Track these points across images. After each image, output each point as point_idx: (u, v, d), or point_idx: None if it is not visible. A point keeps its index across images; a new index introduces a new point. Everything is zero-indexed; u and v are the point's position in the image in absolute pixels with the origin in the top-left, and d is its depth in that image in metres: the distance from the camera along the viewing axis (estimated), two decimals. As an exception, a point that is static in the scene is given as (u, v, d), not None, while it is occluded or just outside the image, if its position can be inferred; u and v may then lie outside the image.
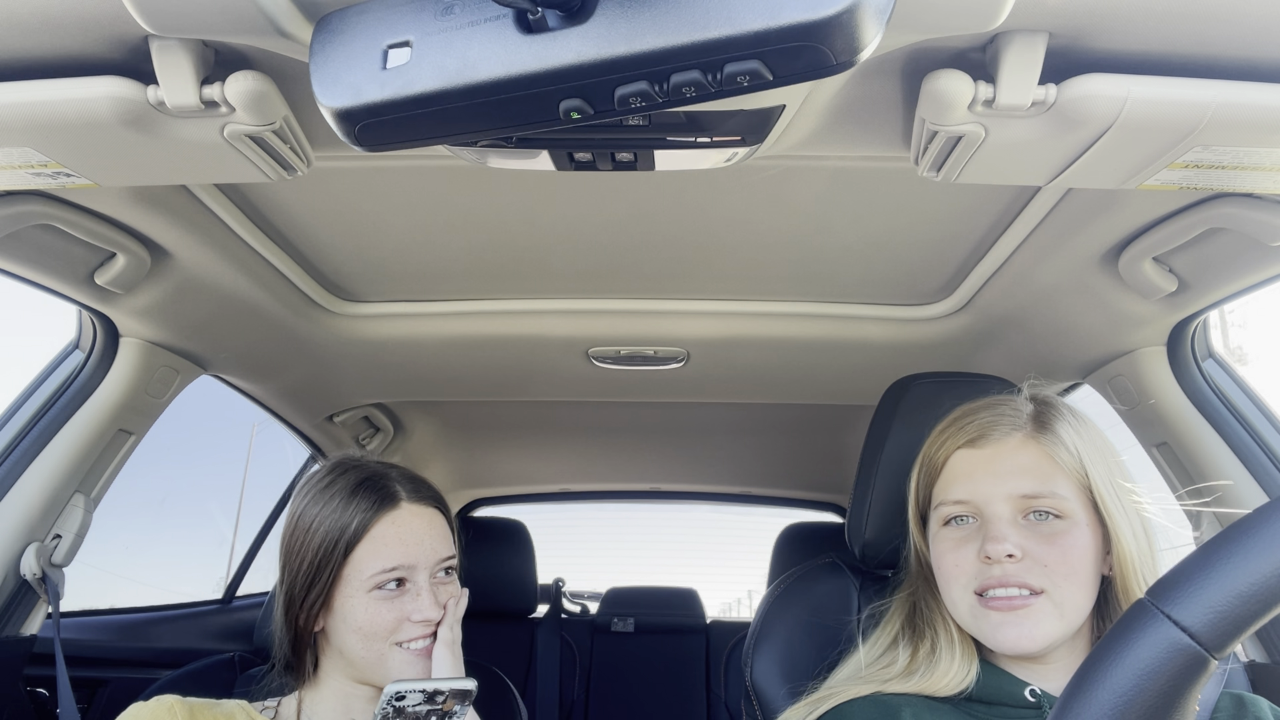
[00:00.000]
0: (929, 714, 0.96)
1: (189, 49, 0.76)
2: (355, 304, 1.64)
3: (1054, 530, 0.93)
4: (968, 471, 0.99)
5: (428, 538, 1.12)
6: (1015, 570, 0.92)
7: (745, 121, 0.84)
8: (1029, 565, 0.91)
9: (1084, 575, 0.92)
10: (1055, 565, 0.91)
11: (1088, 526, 0.93)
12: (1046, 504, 0.94)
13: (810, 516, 3.22)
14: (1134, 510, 0.95)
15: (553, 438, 2.73)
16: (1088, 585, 0.93)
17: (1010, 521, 0.94)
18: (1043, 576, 0.91)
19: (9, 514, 1.37)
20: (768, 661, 1.22)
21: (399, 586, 1.08)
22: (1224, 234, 1.15)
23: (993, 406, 1.02)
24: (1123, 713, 0.49)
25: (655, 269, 1.49)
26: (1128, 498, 0.95)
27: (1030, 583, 0.91)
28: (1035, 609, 0.91)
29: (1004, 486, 0.95)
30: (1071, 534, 0.92)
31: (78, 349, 1.50)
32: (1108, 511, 0.93)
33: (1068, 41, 0.76)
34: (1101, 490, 0.94)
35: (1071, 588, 0.91)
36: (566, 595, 2.94)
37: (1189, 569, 0.51)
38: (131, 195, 1.13)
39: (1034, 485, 0.94)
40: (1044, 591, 0.91)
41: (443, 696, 0.99)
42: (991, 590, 0.93)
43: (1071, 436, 0.97)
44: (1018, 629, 0.91)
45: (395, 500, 1.12)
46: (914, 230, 1.34)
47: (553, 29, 0.58)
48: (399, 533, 1.10)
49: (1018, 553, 0.91)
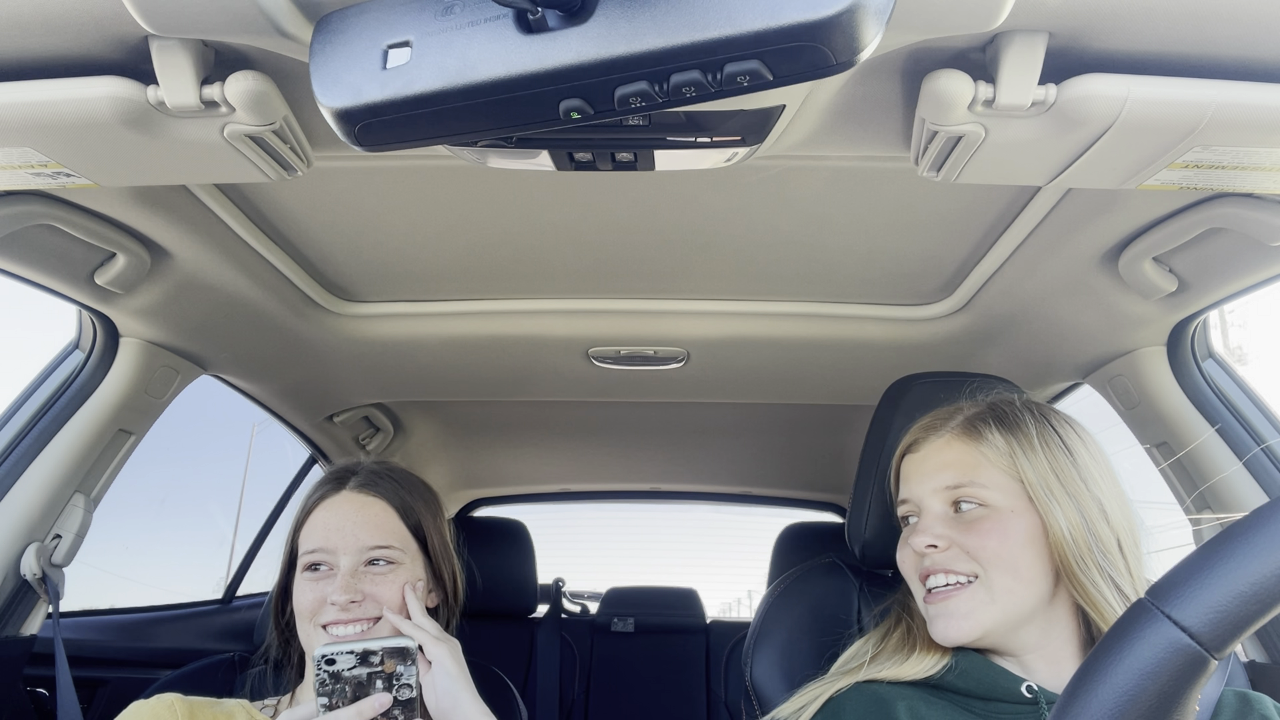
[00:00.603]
0: (924, 708, 0.97)
1: (189, 49, 0.76)
2: (355, 304, 1.64)
3: (977, 518, 0.99)
4: (907, 474, 1.08)
5: (355, 524, 1.14)
6: (942, 559, 0.98)
7: (745, 121, 0.84)
8: (955, 554, 0.98)
9: (1016, 561, 0.96)
10: (978, 551, 0.97)
11: (1020, 515, 0.98)
12: (968, 493, 1.00)
13: (810, 516, 3.22)
14: (1091, 502, 0.97)
15: (553, 438, 2.73)
16: (1023, 571, 0.96)
17: (938, 516, 1.01)
18: (970, 563, 0.97)
19: (9, 514, 1.37)
20: (768, 661, 1.22)
21: (327, 569, 1.12)
22: (1224, 234, 1.15)
23: (940, 414, 1.09)
24: (1123, 712, 0.49)
25: (655, 269, 1.49)
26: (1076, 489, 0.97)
27: (957, 569, 0.98)
28: (963, 596, 0.97)
29: (930, 482, 1.03)
30: (996, 521, 0.98)
31: (78, 349, 1.50)
32: (1039, 501, 0.97)
33: (1068, 41, 0.76)
34: (1031, 479, 0.98)
35: (999, 573, 0.96)
36: (566, 595, 2.94)
37: (1189, 569, 0.51)
38: (131, 195, 1.13)
39: (954, 477, 1.01)
40: (976, 577, 0.97)
41: (377, 657, 0.98)
42: (931, 580, 1.00)
43: (1001, 433, 1.02)
44: (948, 620, 0.97)
45: (340, 487, 1.18)
46: (914, 230, 1.34)
47: (553, 29, 0.58)
48: (327, 517, 1.14)
49: (939, 543, 0.99)
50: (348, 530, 1.13)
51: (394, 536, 1.16)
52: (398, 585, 1.13)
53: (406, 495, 1.21)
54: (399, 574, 1.14)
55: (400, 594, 1.12)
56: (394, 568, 1.15)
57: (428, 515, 1.22)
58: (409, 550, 1.17)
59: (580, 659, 2.81)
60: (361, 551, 1.13)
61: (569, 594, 2.97)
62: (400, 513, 1.18)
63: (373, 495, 1.18)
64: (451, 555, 1.25)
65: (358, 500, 1.17)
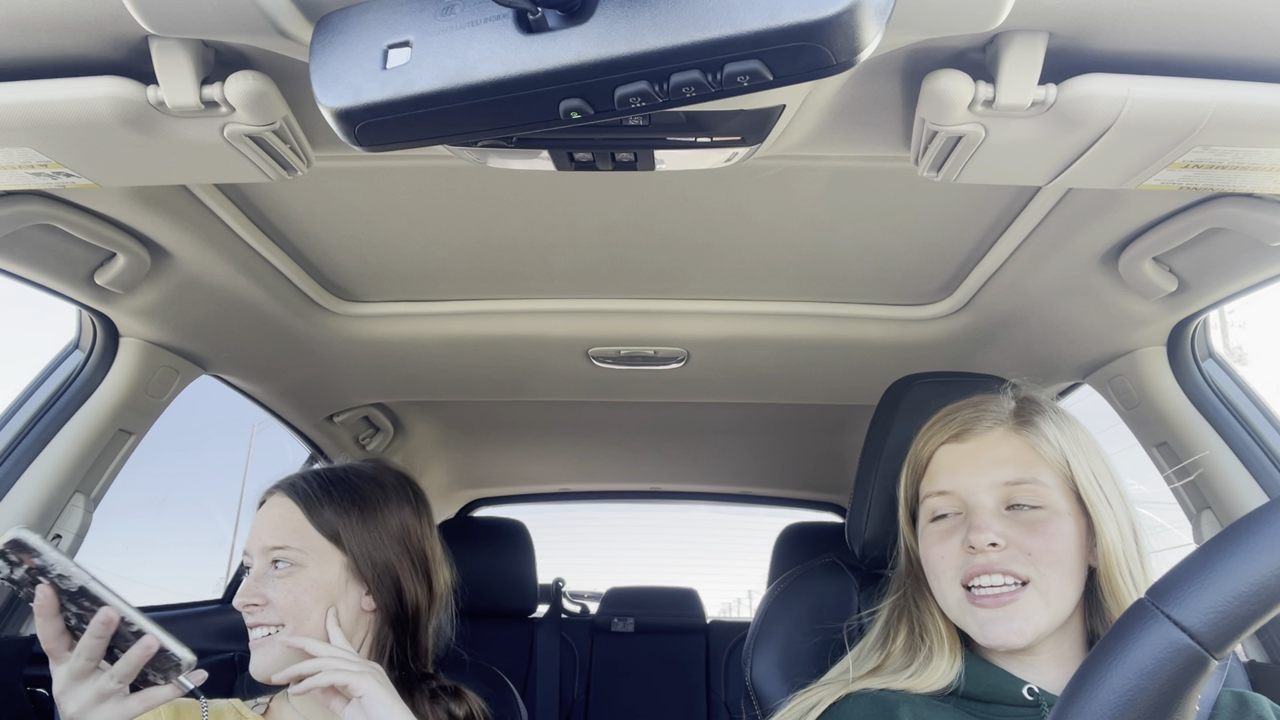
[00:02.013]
0: (927, 711, 0.96)
1: (189, 49, 0.76)
2: (355, 304, 1.64)
3: (1035, 519, 0.94)
4: (951, 465, 1.01)
5: (261, 525, 1.13)
6: (999, 559, 0.93)
7: (745, 121, 0.84)
8: (1013, 554, 0.93)
9: (1068, 564, 0.93)
10: (1038, 553, 0.92)
11: (1071, 517, 0.95)
12: (1028, 491, 0.95)
13: (810, 516, 3.22)
14: (1120, 505, 0.96)
15: (553, 438, 2.73)
16: (1073, 574, 0.94)
17: (993, 512, 0.96)
18: (1027, 565, 0.92)
19: (9, 514, 1.37)
20: (767, 661, 1.22)
21: (250, 572, 1.12)
22: (1224, 234, 1.15)
23: (977, 404, 1.04)
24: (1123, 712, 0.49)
25: (655, 269, 1.49)
26: (1113, 492, 0.96)
27: (1015, 571, 0.93)
28: (1022, 601, 0.92)
29: (986, 477, 0.97)
30: (1054, 523, 0.94)
31: (78, 349, 1.50)
32: (1090, 503, 0.94)
33: (1068, 41, 0.76)
34: (1084, 482, 0.95)
35: (1056, 576, 0.92)
36: (566, 595, 2.94)
37: (1189, 569, 0.51)
38: (131, 195, 1.13)
39: (1015, 473, 0.96)
40: (1029, 581, 0.93)
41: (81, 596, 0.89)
42: (977, 581, 0.94)
43: (1053, 430, 0.99)
44: (1006, 625, 0.92)
45: (272, 491, 1.17)
46: (914, 230, 1.34)
47: (553, 29, 0.58)
48: (254, 521, 1.15)
49: (1000, 541, 0.93)
50: (255, 531, 1.13)
51: (294, 537, 1.11)
52: (297, 589, 1.08)
53: (326, 495, 1.15)
54: (299, 577, 1.09)
55: (298, 598, 1.08)
56: (294, 569, 1.10)
57: (353, 515, 1.15)
58: (314, 551, 1.11)
59: (580, 659, 2.81)
60: (265, 552, 1.11)
61: (569, 594, 2.97)
62: (307, 512, 1.13)
63: (285, 496, 1.15)
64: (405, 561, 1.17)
65: (274, 503, 1.15)
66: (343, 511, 1.14)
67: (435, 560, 1.22)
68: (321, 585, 1.10)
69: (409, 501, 1.22)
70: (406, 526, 1.19)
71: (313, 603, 1.09)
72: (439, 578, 1.22)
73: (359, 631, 1.15)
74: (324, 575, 1.10)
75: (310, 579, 1.09)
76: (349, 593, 1.12)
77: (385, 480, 1.22)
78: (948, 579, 0.98)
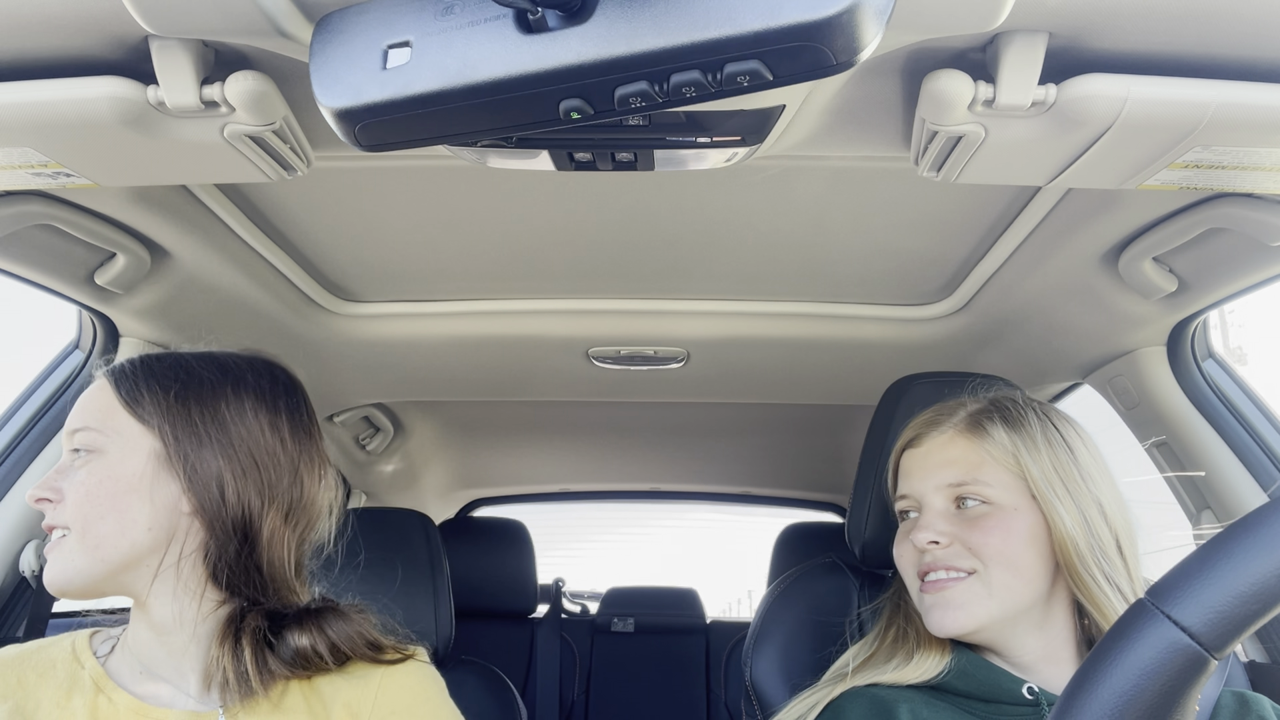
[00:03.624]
0: (927, 711, 0.97)
1: (189, 49, 0.76)
2: (355, 304, 1.64)
3: (979, 515, 0.99)
4: (908, 469, 1.07)
5: (72, 411, 0.94)
6: (944, 555, 0.99)
7: (745, 121, 0.84)
8: (956, 550, 0.98)
9: (1015, 558, 0.97)
10: (980, 548, 0.97)
11: (1023, 513, 0.98)
12: (971, 491, 1.00)
13: (810, 516, 3.22)
14: (1087, 499, 0.98)
15: (552, 438, 2.73)
16: (1024, 569, 0.97)
17: (941, 512, 1.01)
18: (972, 559, 0.98)
19: (9, 513, 1.37)
20: (768, 661, 1.22)
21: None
22: (1224, 234, 1.15)
23: (938, 409, 1.09)
24: (1123, 712, 0.49)
25: (655, 269, 1.49)
26: (1076, 488, 0.98)
27: (959, 565, 0.98)
28: (961, 589, 0.97)
29: (933, 479, 1.03)
30: (999, 518, 0.98)
31: (78, 349, 1.50)
32: (1042, 498, 0.98)
33: (1068, 41, 0.76)
34: (1036, 477, 0.98)
35: (999, 569, 0.96)
36: (566, 595, 2.94)
37: (1189, 569, 0.51)
38: (131, 195, 1.13)
39: (959, 475, 1.01)
40: (974, 572, 0.97)
41: None
42: (929, 575, 1.00)
43: (1002, 431, 1.02)
44: (943, 610, 0.98)
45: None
46: (914, 230, 1.34)
47: (553, 29, 0.58)
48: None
49: (942, 539, 0.99)
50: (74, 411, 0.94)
51: (96, 418, 0.91)
52: (91, 479, 0.88)
53: (148, 374, 0.94)
54: (95, 465, 0.89)
55: (90, 490, 0.87)
56: (91, 457, 0.90)
57: (172, 394, 0.93)
58: (118, 434, 0.91)
59: (580, 659, 2.81)
60: (70, 438, 0.92)
61: (569, 594, 2.97)
62: (120, 391, 0.93)
63: (103, 377, 0.96)
64: (234, 455, 0.93)
65: (91, 386, 0.97)
66: (162, 391, 0.93)
67: (288, 465, 0.97)
68: (119, 476, 0.89)
69: (263, 393, 0.98)
70: (248, 418, 0.96)
71: (107, 496, 0.88)
72: (300, 487, 0.98)
73: (177, 537, 0.91)
74: (124, 464, 0.89)
75: (106, 467, 0.89)
76: (159, 487, 0.90)
77: (234, 365, 1.00)
78: (910, 575, 1.04)
